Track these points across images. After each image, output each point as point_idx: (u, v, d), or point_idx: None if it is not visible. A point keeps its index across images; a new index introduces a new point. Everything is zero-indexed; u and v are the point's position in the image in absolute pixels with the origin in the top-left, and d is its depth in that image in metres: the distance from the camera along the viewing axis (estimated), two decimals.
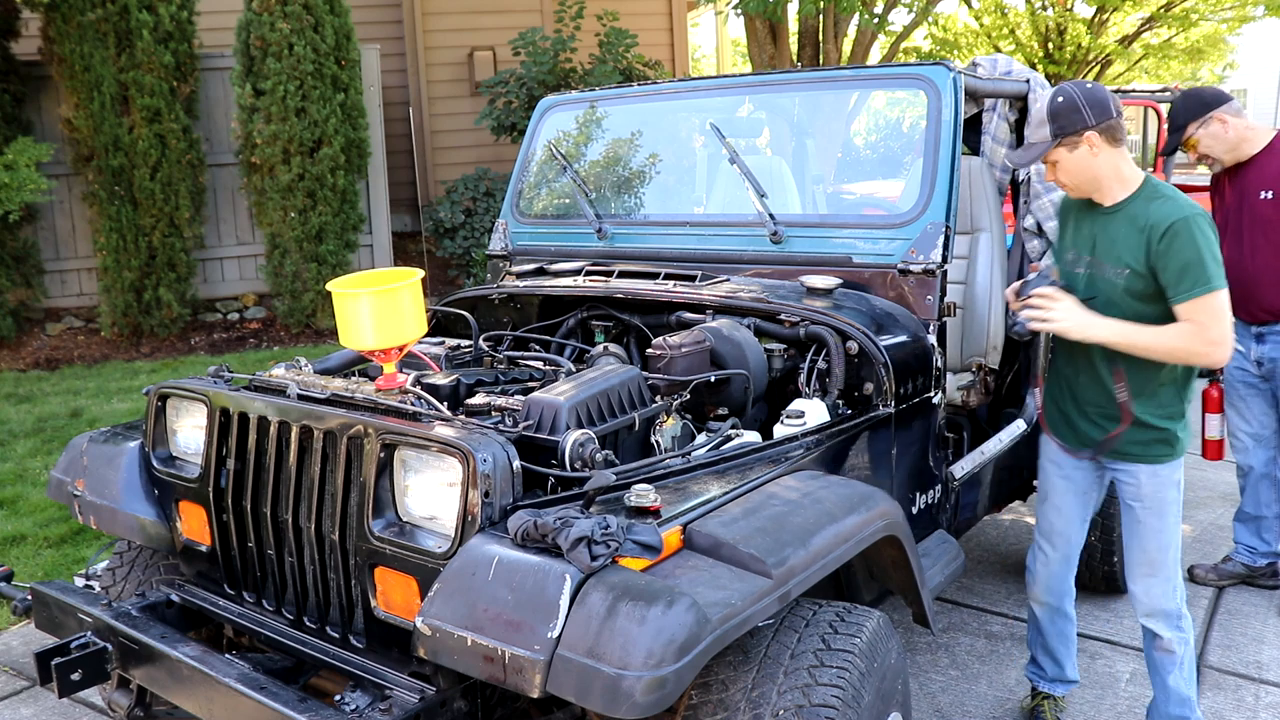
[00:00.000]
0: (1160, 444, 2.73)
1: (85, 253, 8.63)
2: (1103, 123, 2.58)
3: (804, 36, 11.39)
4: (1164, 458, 2.74)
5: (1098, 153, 2.60)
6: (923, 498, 2.96)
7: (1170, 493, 2.76)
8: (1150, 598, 2.82)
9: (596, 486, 1.90)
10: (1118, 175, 2.64)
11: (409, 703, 1.96)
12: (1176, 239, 2.51)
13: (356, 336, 2.31)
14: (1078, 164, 2.63)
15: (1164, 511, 2.77)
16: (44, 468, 5.53)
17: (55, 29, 7.77)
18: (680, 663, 1.62)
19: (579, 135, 3.98)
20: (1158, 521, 2.78)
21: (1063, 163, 2.65)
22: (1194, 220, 2.51)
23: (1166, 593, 2.80)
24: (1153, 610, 2.82)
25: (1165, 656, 2.84)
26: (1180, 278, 2.51)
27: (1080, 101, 2.58)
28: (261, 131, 8.20)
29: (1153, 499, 2.77)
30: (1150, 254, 2.56)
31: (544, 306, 3.39)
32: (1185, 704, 2.88)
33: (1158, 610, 2.81)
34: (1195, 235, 2.50)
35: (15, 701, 3.36)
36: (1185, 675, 2.85)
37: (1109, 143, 2.60)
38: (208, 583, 2.54)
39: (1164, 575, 2.79)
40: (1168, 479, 2.75)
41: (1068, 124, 2.59)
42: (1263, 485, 4.03)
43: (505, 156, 10.52)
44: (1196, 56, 17.33)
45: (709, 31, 22.90)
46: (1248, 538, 4.09)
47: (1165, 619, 2.81)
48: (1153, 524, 2.78)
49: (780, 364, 2.80)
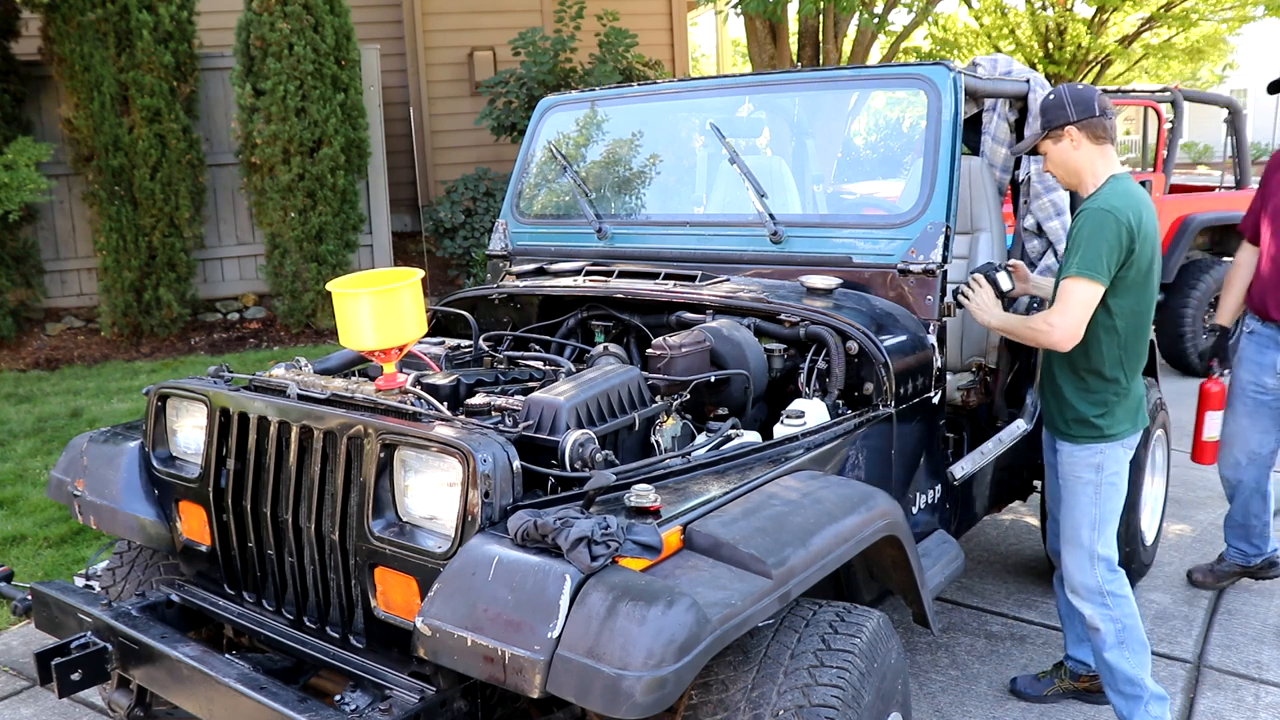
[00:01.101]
0: (1079, 424, 2.89)
1: (85, 253, 8.63)
2: (1083, 119, 2.76)
3: (804, 36, 11.39)
4: (1080, 439, 2.89)
5: (1077, 146, 2.79)
6: (923, 498, 2.96)
7: (1084, 473, 2.90)
8: (1069, 572, 2.97)
9: (596, 486, 1.90)
10: (1092, 171, 2.81)
11: (409, 703, 1.96)
12: (1082, 223, 2.71)
13: (356, 336, 2.31)
14: (1060, 155, 2.83)
15: (1076, 489, 2.92)
16: (44, 468, 5.53)
17: (55, 29, 7.77)
18: (680, 663, 1.62)
19: (579, 135, 3.98)
20: (1070, 498, 2.94)
21: (1050, 154, 2.86)
22: (1103, 212, 2.68)
23: (1082, 568, 2.92)
24: (1073, 585, 2.96)
25: (1093, 635, 2.94)
26: (1068, 257, 2.73)
27: (1066, 98, 2.79)
28: (261, 131, 8.20)
29: (1067, 476, 2.95)
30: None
31: (544, 306, 3.39)
32: (1133, 683, 2.91)
33: (1077, 585, 2.95)
34: (1095, 223, 2.68)
35: (15, 701, 3.36)
36: (1126, 654, 2.92)
37: (1089, 139, 2.78)
38: (208, 583, 2.54)
39: (1078, 552, 2.93)
40: (1081, 460, 2.90)
41: (1052, 118, 2.80)
42: (1254, 499, 3.93)
43: (505, 156, 10.52)
44: (1196, 56, 17.35)
45: (709, 31, 22.90)
46: (1237, 542, 4.03)
47: (1086, 596, 2.93)
48: (1067, 500, 2.95)
49: (780, 364, 2.80)
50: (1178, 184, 8.24)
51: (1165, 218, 7.20)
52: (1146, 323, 2.85)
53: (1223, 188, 8.22)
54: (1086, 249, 2.67)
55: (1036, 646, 3.62)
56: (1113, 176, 2.79)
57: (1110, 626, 2.90)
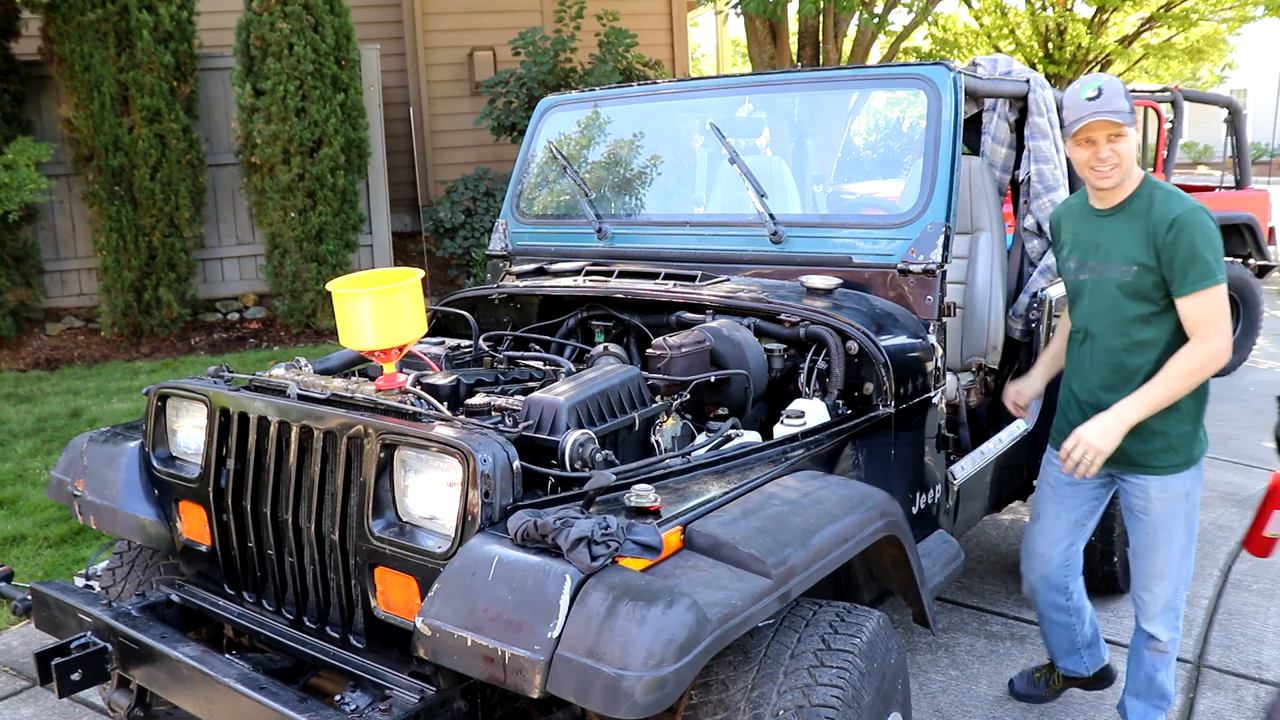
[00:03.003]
0: (1168, 452, 2.66)
1: (85, 253, 8.63)
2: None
3: (804, 36, 11.39)
4: (1172, 468, 2.67)
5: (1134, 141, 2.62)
6: (923, 498, 2.96)
7: (1179, 505, 2.69)
8: (1157, 603, 2.78)
9: (596, 486, 1.90)
10: (1133, 168, 2.64)
11: (409, 703, 1.96)
12: (1183, 232, 2.51)
13: (356, 336, 2.31)
14: (1131, 147, 2.60)
15: (1172, 524, 2.70)
16: (44, 468, 5.53)
17: (55, 29, 7.77)
18: (680, 663, 1.62)
19: (579, 135, 3.97)
20: (1166, 534, 2.71)
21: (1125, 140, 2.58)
22: (1197, 214, 2.53)
23: (1174, 596, 2.77)
24: (1156, 615, 2.79)
25: (1159, 657, 2.85)
26: (1186, 271, 2.51)
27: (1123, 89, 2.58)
28: (261, 131, 8.19)
29: (1161, 513, 2.71)
30: (1158, 247, 2.55)
31: (544, 306, 3.39)
32: (1165, 697, 2.90)
33: (1161, 611, 2.79)
34: (1200, 229, 2.51)
35: (15, 701, 3.36)
36: (1171, 672, 2.87)
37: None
38: (208, 583, 2.54)
39: (1171, 582, 2.75)
40: (1178, 492, 2.68)
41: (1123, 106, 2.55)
42: None
43: (505, 156, 10.52)
44: (1196, 56, 17.32)
45: (709, 31, 22.90)
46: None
47: (1165, 621, 2.80)
48: (1161, 537, 2.72)
49: (780, 364, 2.80)
50: (1178, 184, 8.24)
51: None
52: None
53: (1223, 188, 8.22)
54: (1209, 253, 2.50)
55: (1036, 646, 3.61)
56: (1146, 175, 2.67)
57: (1175, 649, 2.83)
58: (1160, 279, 2.57)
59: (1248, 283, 7.45)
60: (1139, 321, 2.62)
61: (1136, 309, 2.61)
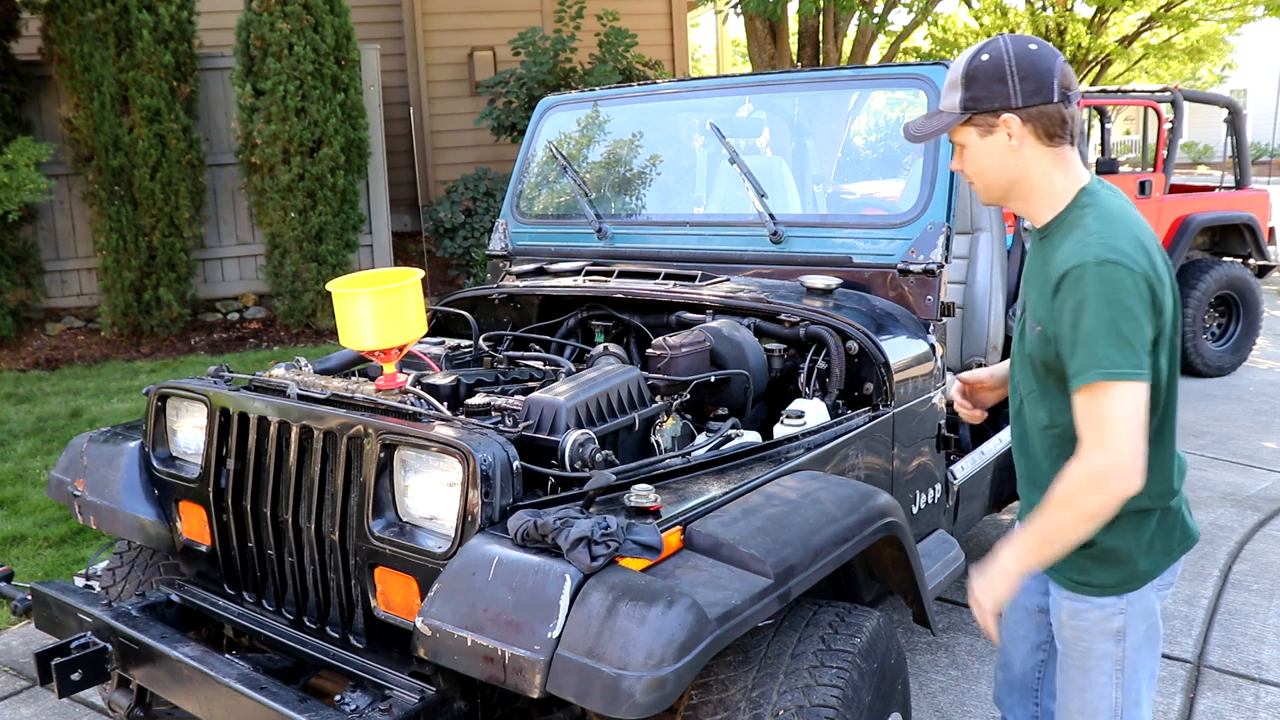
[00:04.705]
0: (1095, 565, 1.88)
1: (85, 253, 8.63)
2: (1033, 105, 1.77)
3: (804, 36, 11.39)
4: (1094, 589, 1.89)
5: (1018, 147, 1.81)
6: (923, 498, 2.96)
7: (1097, 644, 1.91)
8: None
9: (596, 486, 1.90)
10: (1046, 187, 1.84)
11: (409, 703, 1.96)
12: (1071, 295, 1.72)
13: (356, 336, 2.31)
14: (989, 156, 1.84)
15: (1087, 666, 1.93)
16: (44, 468, 5.53)
17: (55, 29, 7.77)
18: (680, 663, 1.62)
19: (579, 135, 3.98)
20: (1079, 677, 1.95)
21: (970, 149, 1.86)
22: (1101, 270, 1.69)
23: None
24: None
25: None
26: (1071, 352, 1.73)
27: (1010, 69, 1.77)
28: (261, 131, 8.19)
29: (1073, 645, 1.96)
30: (1051, 309, 1.79)
31: (544, 306, 3.40)
32: None
33: None
34: (1096, 295, 1.69)
35: (15, 701, 3.36)
36: None
37: (1038, 137, 1.80)
38: (208, 583, 2.54)
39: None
40: (1094, 624, 1.91)
41: (984, 95, 1.79)
42: None
43: (505, 156, 10.52)
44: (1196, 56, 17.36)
45: (709, 31, 22.90)
46: None
47: None
48: (1072, 676, 1.96)
49: (780, 364, 2.80)
50: (1178, 184, 8.26)
51: (1166, 218, 7.22)
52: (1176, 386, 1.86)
53: (1223, 188, 8.23)
54: (1102, 333, 1.68)
55: None
56: (1083, 190, 1.82)
57: None
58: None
59: (1248, 283, 7.46)
60: (1061, 398, 1.84)
61: (1053, 383, 1.86)
